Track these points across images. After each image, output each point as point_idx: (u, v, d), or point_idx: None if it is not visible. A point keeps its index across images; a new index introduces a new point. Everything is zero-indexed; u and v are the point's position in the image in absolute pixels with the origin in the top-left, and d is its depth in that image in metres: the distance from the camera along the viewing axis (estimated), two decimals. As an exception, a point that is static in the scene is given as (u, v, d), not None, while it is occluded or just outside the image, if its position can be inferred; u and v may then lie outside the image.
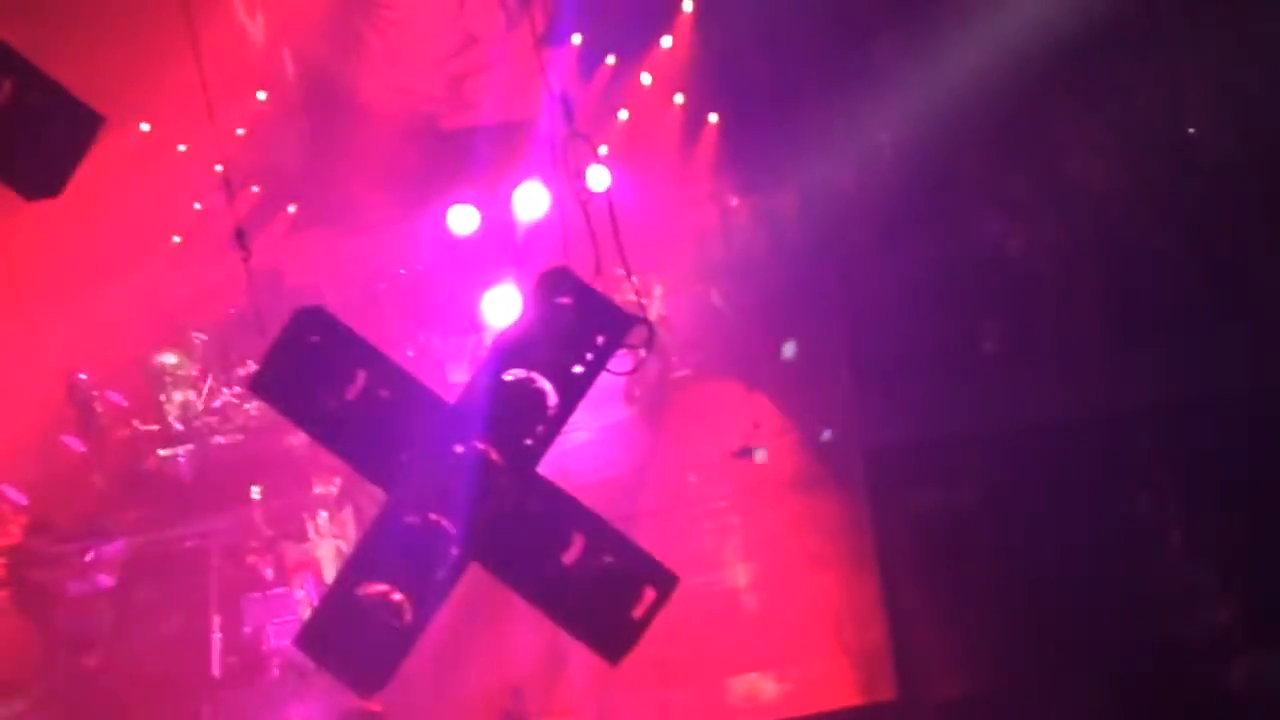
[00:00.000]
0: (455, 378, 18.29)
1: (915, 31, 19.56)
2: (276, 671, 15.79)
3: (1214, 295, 17.32)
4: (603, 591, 7.50)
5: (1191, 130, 19.15)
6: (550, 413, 7.54)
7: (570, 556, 7.52)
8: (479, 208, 19.90)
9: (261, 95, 22.02)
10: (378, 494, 8.23)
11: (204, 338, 19.98)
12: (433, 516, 7.48)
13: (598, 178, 8.63)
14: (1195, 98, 19.14)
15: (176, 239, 21.78)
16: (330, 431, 7.74)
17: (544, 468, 7.68)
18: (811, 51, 21.37)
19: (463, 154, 22.19)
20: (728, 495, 17.53)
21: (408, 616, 7.49)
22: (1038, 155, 19.37)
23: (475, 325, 18.36)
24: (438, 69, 22.94)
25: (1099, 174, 18.95)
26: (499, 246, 20.33)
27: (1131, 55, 19.03)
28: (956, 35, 19.17)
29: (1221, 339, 16.85)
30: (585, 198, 8.63)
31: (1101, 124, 19.37)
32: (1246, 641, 13.71)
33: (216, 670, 16.36)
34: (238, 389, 19.07)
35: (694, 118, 22.20)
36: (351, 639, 7.53)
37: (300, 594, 16.31)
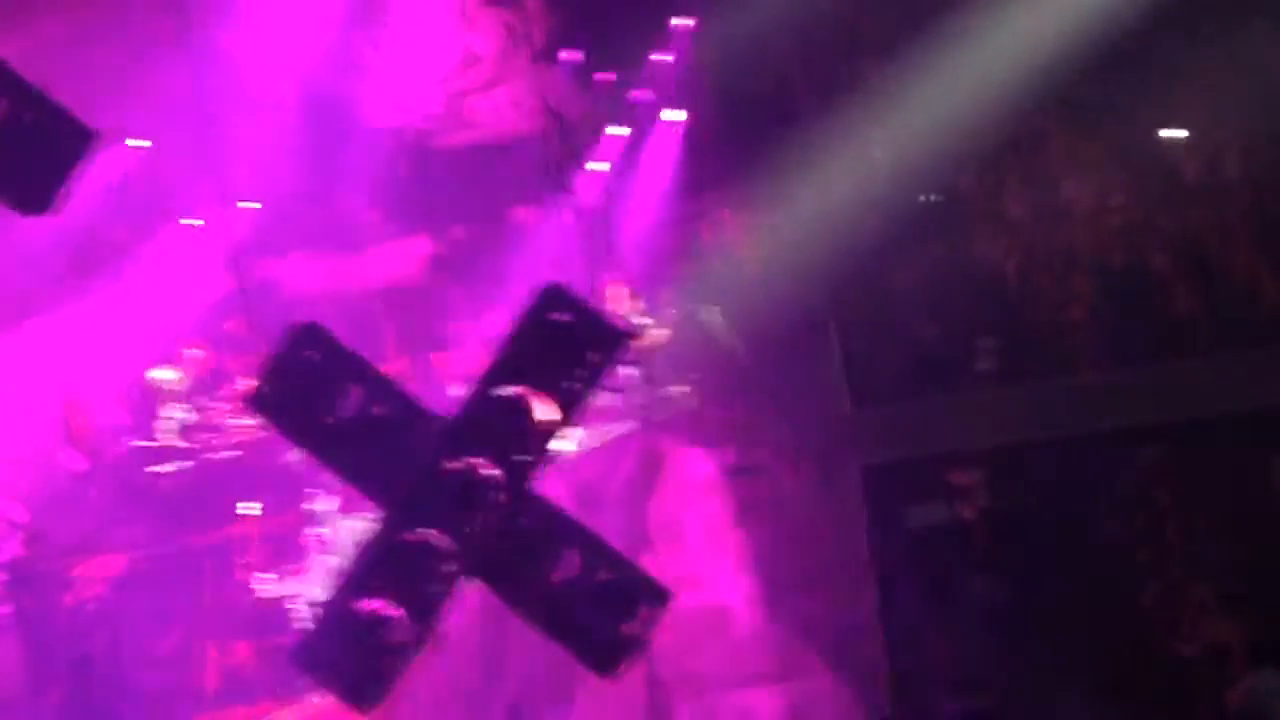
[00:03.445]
0: (451, 394, 18.27)
1: (912, 49, 19.58)
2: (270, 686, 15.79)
3: (1211, 315, 17.31)
4: (598, 608, 7.48)
5: (1188, 148, 19.14)
6: (546, 429, 7.53)
7: (565, 573, 7.50)
8: (475, 224, 19.91)
9: (259, 112, 22.01)
10: (373, 511, 8.22)
11: (200, 354, 19.94)
12: (428, 533, 7.47)
13: (592, 193, 8.64)
14: (1192, 116, 19.14)
15: (173, 255, 21.76)
16: (326, 448, 7.73)
17: (539, 483, 7.67)
18: (807, 68, 21.39)
19: (459, 170, 22.20)
20: (723, 512, 17.53)
21: (403, 633, 7.47)
22: (1034, 173, 19.38)
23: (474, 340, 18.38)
24: (438, 88, 22.94)
25: (1095, 192, 18.96)
26: (494, 262, 20.34)
27: (1128, 73, 19.05)
28: (953, 53, 19.19)
29: (1219, 359, 16.84)
30: (580, 213, 8.64)
31: (1097, 142, 19.39)
32: (1247, 662, 13.70)
33: (211, 685, 16.37)
34: (233, 405, 19.04)
35: (690, 134, 22.20)
36: (346, 655, 7.51)
37: (295, 610, 16.32)
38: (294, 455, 17.25)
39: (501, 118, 22.38)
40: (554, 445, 7.61)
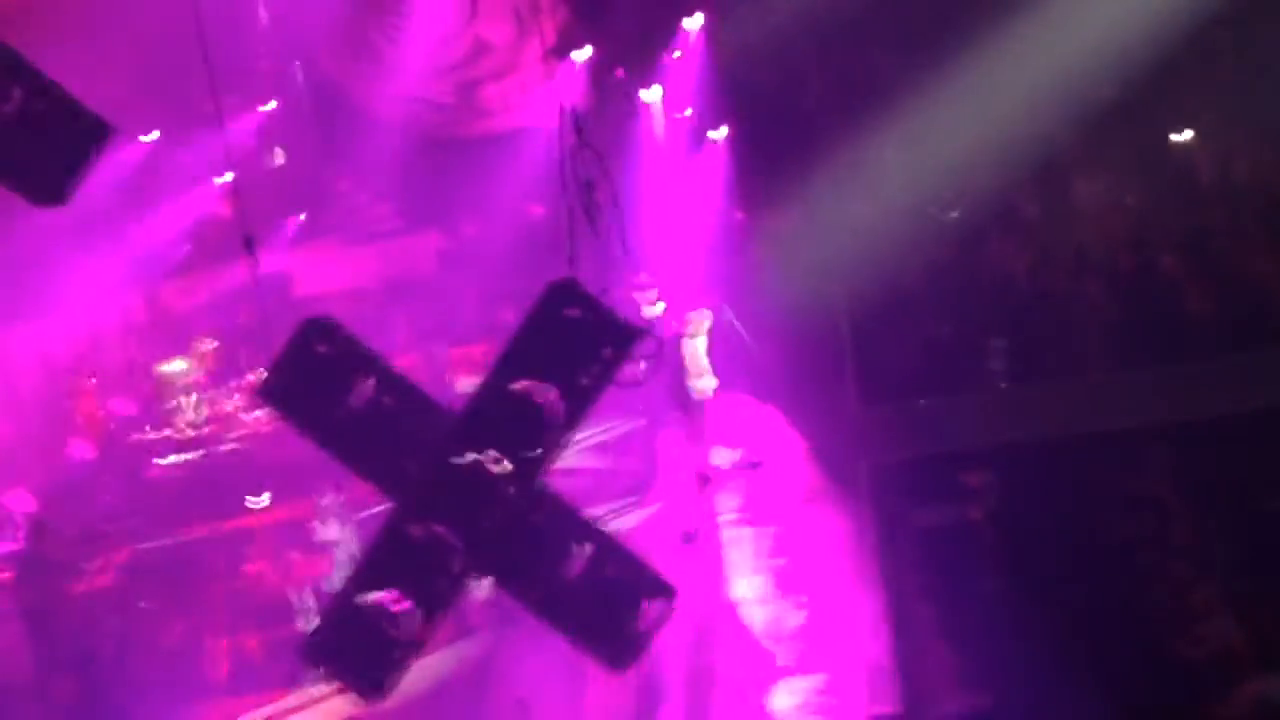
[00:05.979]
0: (462, 388, 18.31)
1: (923, 50, 19.58)
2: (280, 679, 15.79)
3: (1221, 316, 17.29)
4: (606, 603, 7.50)
5: (1199, 151, 19.13)
6: (556, 424, 7.55)
7: (574, 568, 7.52)
8: (487, 218, 19.91)
9: (271, 104, 22.06)
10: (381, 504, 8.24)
11: (212, 345, 19.99)
12: (437, 527, 7.49)
13: (604, 189, 8.64)
14: (1203, 120, 19.13)
15: (185, 247, 21.82)
16: (336, 440, 7.76)
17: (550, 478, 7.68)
18: (819, 68, 21.39)
19: (472, 163, 22.22)
20: (734, 509, 17.54)
21: (411, 626, 7.50)
22: (1046, 174, 19.36)
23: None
24: (449, 76, 22.95)
25: (1106, 194, 18.95)
26: (507, 256, 20.35)
27: (1139, 77, 19.04)
28: (967, 57, 19.19)
29: (1228, 360, 16.82)
30: (593, 210, 8.65)
31: (1109, 144, 19.37)
32: (1252, 665, 13.67)
33: (219, 678, 16.37)
34: (245, 397, 19.08)
35: (702, 132, 22.19)
36: (355, 647, 7.54)
37: (304, 603, 16.33)
38: (303, 447, 17.30)
39: (513, 105, 22.39)
40: (565, 441, 7.63)
